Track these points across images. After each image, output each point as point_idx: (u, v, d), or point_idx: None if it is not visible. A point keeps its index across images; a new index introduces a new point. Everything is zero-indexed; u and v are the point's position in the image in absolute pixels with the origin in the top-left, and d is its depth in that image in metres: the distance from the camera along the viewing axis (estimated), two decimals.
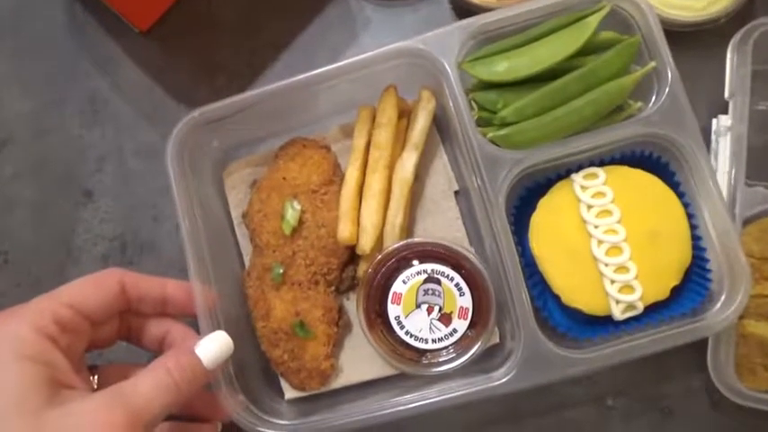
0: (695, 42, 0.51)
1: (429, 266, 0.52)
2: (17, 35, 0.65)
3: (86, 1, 0.64)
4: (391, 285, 0.52)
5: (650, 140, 0.50)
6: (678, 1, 0.56)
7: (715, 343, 0.51)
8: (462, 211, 0.57)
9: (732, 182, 0.51)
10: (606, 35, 0.52)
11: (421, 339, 0.51)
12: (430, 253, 0.52)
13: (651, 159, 0.52)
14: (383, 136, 0.54)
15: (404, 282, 0.52)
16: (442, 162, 0.58)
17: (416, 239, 0.54)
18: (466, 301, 0.52)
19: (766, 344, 0.50)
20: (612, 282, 0.49)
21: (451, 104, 0.52)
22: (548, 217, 0.52)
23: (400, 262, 0.52)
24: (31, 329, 0.42)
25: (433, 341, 0.51)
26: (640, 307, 0.49)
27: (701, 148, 0.49)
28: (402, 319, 0.52)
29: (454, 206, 0.57)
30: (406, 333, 0.51)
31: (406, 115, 0.57)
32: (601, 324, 0.51)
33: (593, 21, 0.51)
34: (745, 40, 0.53)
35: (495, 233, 0.50)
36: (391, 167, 0.55)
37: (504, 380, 0.48)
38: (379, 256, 0.52)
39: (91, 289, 0.47)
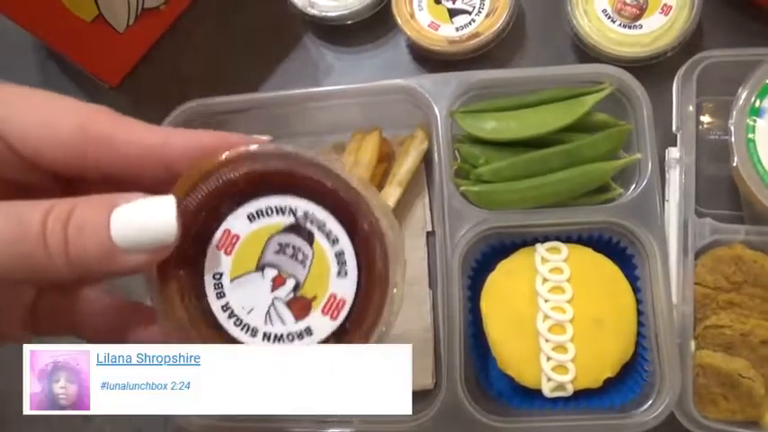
0: (646, 76, 0.51)
1: (303, 205, 0.29)
2: None
3: (60, 60, 0.65)
4: (225, 216, 0.29)
5: (618, 230, 0.50)
6: (625, 38, 0.56)
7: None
8: (429, 252, 0.58)
9: (683, 214, 0.51)
10: (600, 117, 0.52)
11: (246, 327, 0.29)
12: (311, 183, 0.28)
13: (617, 247, 0.52)
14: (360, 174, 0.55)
15: (249, 218, 0.29)
16: (422, 201, 0.59)
17: (295, 149, 0.29)
18: (345, 287, 0.29)
19: (723, 374, 0.49)
20: (549, 359, 0.49)
21: (435, 150, 0.52)
22: (503, 280, 0.52)
23: (255, 181, 0.29)
24: None
25: (266, 337, 0.29)
26: (570, 390, 0.49)
27: (663, 251, 0.48)
28: (225, 280, 0.29)
29: (423, 246, 0.58)
30: (225, 308, 0.29)
31: (387, 159, 0.57)
32: (533, 396, 0.51)
33: (590, 100, 0.51)
34: (689, 74, 0.52)
35: (443, 281, 0.50)
36: None
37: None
38: (224, 156, 0.29)
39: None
